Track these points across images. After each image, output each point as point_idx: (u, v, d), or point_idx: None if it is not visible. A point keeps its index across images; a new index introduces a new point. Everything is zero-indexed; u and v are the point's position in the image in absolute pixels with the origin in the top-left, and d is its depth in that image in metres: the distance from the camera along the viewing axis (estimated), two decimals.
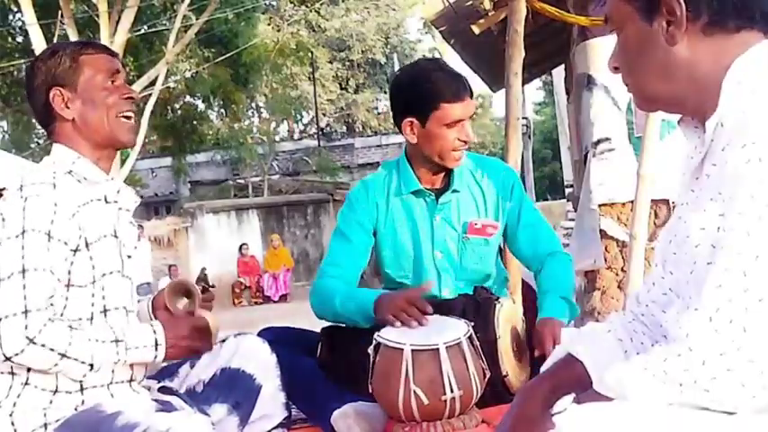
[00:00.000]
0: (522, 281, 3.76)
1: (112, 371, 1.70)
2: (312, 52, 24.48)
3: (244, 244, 16.08)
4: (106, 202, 1.78)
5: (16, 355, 1.52)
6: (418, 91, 2.20)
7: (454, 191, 2.29)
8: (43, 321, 1.54)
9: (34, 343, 1.52)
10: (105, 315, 1.71)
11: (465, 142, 2.23)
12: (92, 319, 1.69)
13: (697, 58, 1.19)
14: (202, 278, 14.56)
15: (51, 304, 1.59)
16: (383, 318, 1.99)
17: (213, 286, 13.53)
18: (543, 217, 2.42)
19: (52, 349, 1.55)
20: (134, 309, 1.82)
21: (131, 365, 1.74)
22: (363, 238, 2.32)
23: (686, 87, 1.20)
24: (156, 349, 1.71)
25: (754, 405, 1.00)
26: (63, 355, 1.56)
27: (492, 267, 2.38)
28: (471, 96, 2.24)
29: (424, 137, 2.22)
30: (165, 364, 1.99)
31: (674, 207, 4.39)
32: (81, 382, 1.66)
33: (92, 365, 1.61)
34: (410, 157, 2.33)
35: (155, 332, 1.72)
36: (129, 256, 1.80)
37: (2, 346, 1.52)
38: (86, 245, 1.68)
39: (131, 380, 1.76)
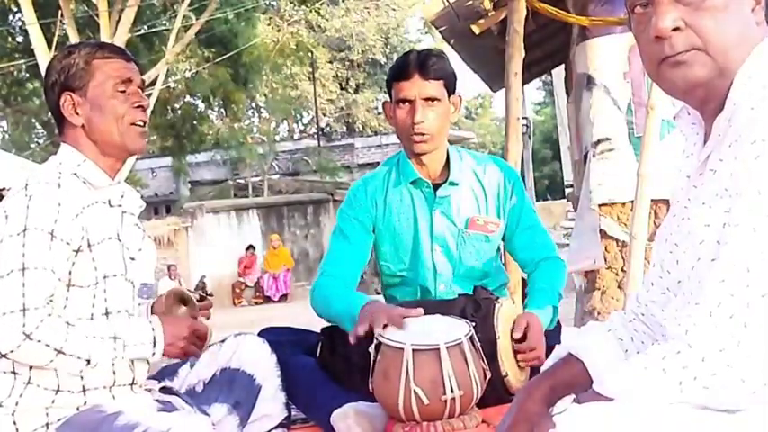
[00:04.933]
0: (522, 280, 3.77)
1: (113, 372, 1.70)
2: (312, 52, 24.46)
3: (250, 245, 16.07)
4: (110, 205, 1.78)
5: (12, 351, 1.53)
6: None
7: (452, 183, 2.29)
8: (41, 318, 1.54)
9: (30, 339, 1.53)
10: (107, 317, 1.72)
11: (418, 125, 2.18)
12: (92, 320, 1.69)
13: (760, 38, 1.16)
14: (201, 286, 14.55)
15: (51, 302, 1.59)
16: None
17: (211, 294, 13.55)
18: (540, 220, 2.43)
19: (48, 345, 1.55)
20: (135, 312, 1.82)
21: (133, 369, 1.74)
22: (362, 235, 2.31)
23: (738, 65, 1.15)
24: (155, 346, 1.72)
25: (754, 401, 1.00)
26: (59, 351, 1.56)
27: (491, 265, 2.37)
28: (429, 78, 2.19)
29: (391, 119, 2.29)
30: (164, 363, 1.99)
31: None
32: (83, 383, 1.66)
33: (88, 361, 1.61)
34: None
35: (153, 329, 1.73)
36: (133, 259, 1.80)
37: None
38: (89, 246, 1.68)
39: (133, 383, 1.76)
